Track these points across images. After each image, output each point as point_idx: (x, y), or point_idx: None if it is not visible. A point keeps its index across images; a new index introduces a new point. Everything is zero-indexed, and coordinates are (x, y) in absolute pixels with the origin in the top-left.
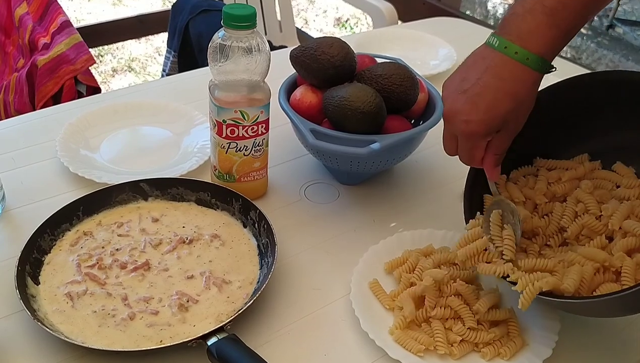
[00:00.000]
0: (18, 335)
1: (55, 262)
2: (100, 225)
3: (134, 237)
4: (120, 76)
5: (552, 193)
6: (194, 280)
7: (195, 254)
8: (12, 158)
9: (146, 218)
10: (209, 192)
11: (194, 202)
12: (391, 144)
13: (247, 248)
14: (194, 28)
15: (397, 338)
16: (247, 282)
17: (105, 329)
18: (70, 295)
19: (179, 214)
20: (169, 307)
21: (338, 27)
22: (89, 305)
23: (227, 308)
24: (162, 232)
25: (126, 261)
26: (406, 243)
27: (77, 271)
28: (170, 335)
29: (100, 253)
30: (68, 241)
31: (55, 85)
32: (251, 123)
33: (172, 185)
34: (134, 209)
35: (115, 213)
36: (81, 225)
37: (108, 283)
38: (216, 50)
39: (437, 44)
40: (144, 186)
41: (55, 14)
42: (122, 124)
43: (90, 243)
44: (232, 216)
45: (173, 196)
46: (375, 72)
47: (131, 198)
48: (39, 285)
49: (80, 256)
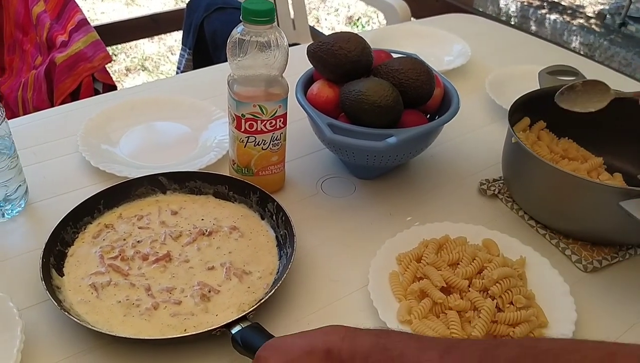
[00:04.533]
0: (44, 324)
1: (78, 254)
2: (120, 218)
3: (154, 230)
4: (134, 75)
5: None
6: (215, 271)
7: (215, 246)
8: (33, 153)
9: (165, 211)
10: (226, 185)
11: (211, 195)
12: (408, 138)
13: (266, 239)
14: (209, 25)
15: (415, 328)
16: (267, 272)
17: (130, 318)
18: (94, 286)
19: (197, 207)
20: (191, 297)
21: (349, 26)
22: (114, 295)
23: (249, 298)
24: (181, 225)
25: (148, 253)
26: (422, 236)
27: (100, 262)
28: (194, 325)
29: (122, 245)
30: (90, 233)
31: (74, 83)
32: (269, 117)
33: (190, 178)
34: (153, 202)
35: (135, 206)
36: (102, 218)
37: (131, 274)
38: (235, 45)
39: (451, 40)
40: (162, 180)
41: (73, 12)
42: (140, 119)
43: (112, 235)
44: (249, 208)
45: (191, 189)
46: (392, 66)
47: (150, 191)
48: (63, 277)
49: (103, 248)
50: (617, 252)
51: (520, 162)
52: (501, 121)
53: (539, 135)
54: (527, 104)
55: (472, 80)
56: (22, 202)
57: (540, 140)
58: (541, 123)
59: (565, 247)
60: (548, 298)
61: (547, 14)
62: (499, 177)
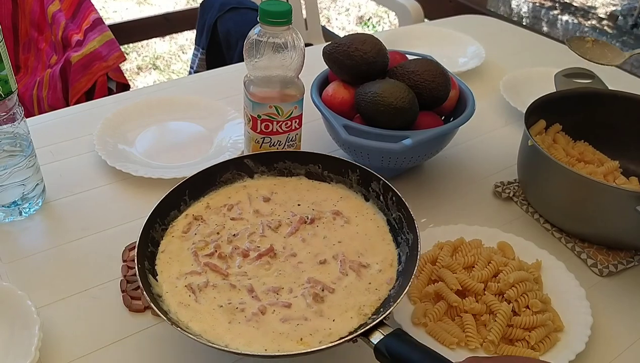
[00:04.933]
0: (62, 322)
1: (169, 250)
2: (209, 208)
3: (249, 220)
4: (145, 74)
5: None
6: (328, 266)
7: (320, 235)
8: (50, 151)
9: (256, 198)
10: (320, 164)
11: (303, 176)
12: (423, 139)
13: (375, 224)
14: (222, 25)
15: (430, 331)
16: (387, 264)
17: (236, 326)
18: (191, 287)
19: (289, 191)
20: (302, 298)
21: (360, 26)
22: (213, 299)
23: (370, 298)
24: (277, 212)
25: (248, 248)
26: (437, 238)
27: (194, 261)
28: (310, 332)
29: (217, 239)
30: (179, 228)
31: (89, 82)
32: (285, 118)
33: (279, 159)
34: (241, 189)
35: (222, 194)
36: (190, 209)
37: (231, 274)
38: (252, 46)
39: (465, 42)
40: (248, 163)
41: (88, 11)
42: (156, 119)
43: (203, 229)
44: (349, 189)
45: (280, 171)
46: (408, 68)
47: (236, 177)
48: (156, 277)
49: (196, 244)
50: (633, 256)
51: (536, 165)
52: (516, 123)
53: (555, 138)
54: (543, 106)
55: (487, 82)
56: (39, 201)
57: (556, 143)
58: (557, 126)
59: (581, 251)
60: (564, 302)
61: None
62: (513, 179)
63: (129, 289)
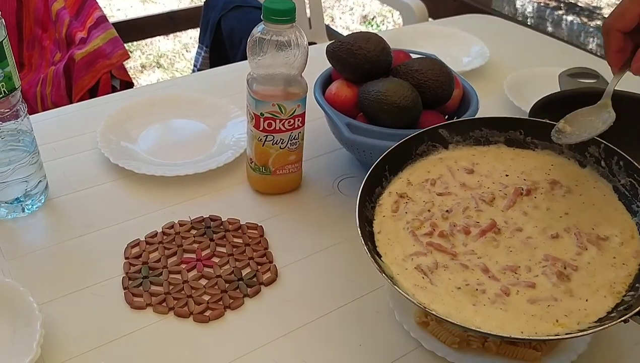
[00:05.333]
0: (64, 318)
1: (385, 231)
2: (410, 184)
3: (457, 194)
4: (149, 72)
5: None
6: (561, 240)
7: (542, 207)
8: (53, 148)
9: (457, 171)
10: (521, 129)
11: (503, 144)
12: None
13: (601, 192)
14: (226, 24)
15: (432, 330)
16: (627, 235)
17: (482, 308)
18: (421, 269)
19: (491, 160)
20: (544, 277)
21: (364, 25)
22: (448, 279)
23: (619, 274)
24: (486, 184)
25: (467, 224)
26: None
27: (415, 241)
28: (565, 313)
29: (430, 217)
30: (387, 206)
31: (92, 79)
32: (288, 116)
33: (475, 127)
34: (437, 161)
35: (419, 168)
36: (391, 186)
37: (458, 253)
38: (255, 44)
39: (469, 41)
40: (442, 133)
41: (92, 9)
42: (159, 117)
43: (412, 207)
44: (559, 155)
45: (476, 140)
46: (411, 67)
47: (431, 148)
48: (381, 258)
49: (410, 223)
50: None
51: None
52: None
53: None
54: (547, 106)
55: (491, 82)
56: (42, 198)
57: None
58: None
59: None
60: None
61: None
62: None
63: (130, 286)
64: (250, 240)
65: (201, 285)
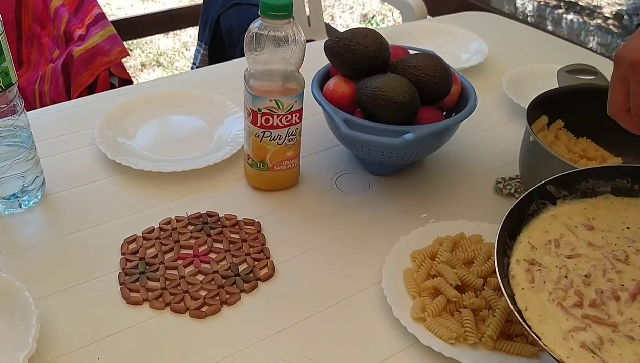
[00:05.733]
0: (59, 313)
1: (532, 307)
2: (535, 248)
3: (588, 256)
4: (149, 70)
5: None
6: None
7: None
8: (50, 145)
9: (576, 228)
10: (628, 177)
11: (610, 194)
12: (424, 134)
13: None
14: (225, 21)
15: (429, 326)
16: None
17: None
18: (587, 347)
19: (605, 213)
20: None
21: (364, 23)
22: (620, 355)
23: None
24: (611, 241)
25: (613, 289)
26: (437, 233)
27: (566, 314)
28: None
29: (571, 285)
30: (521, 277)
31: (91, 76)
32: (285, 112)
33: (581, 178)
34: (551, 219)
35: (535, 229)
36: (516, 253)
37: (618, 323)
38: (252, 40)
39: (468, 38)
40: (550, 188)
41: (90, 6)
42: (156, 113)
43: (547, 274)
44: None
45: (583, 192)
46: (409, 63)
47: (541, 207)
48: (540, 340)
49: (553, 294)
50: None
51: (537, 161)
52: (518, 120)
53: (557, 134)
54: (545, 102)
55: (489, 78)
56: (39, 194)
57: (558, 140)
58: (559, 122)
59: None
60: None
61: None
62: (515, 176)
63: (127, 282)
64: (248, 236)
65: (198, 280)
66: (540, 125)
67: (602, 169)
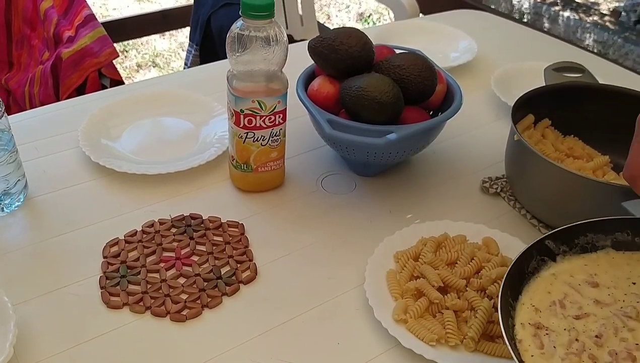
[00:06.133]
0: (38, 319)
1: None
2: (539, 311)
3: (596, 315)
4: (145, 71)
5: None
6: None
7: None
8: (35, 147)
9: (580, 285)
10: (628, 230)
11: (610, 248)
12: (408, 134)
13: None
14: (216, 21)
15: (411, 328)
16: None
17: None
18: None
19: (608, 269)
20: None
21: (361, 22)
22: None
23: None
24: (619, 297)
25: (628, 349)
26: (422, 234)
27: None
28: None
29: (583, 348)
30: (529, 342)
31: (79, 78)
32: (268, 113)
33: (580, 233)
34: (551, 278)
35: (536, 289)
36: (520, 316)
37: None
38: (234, 40)
39: (458, 36)
40: (549, 244)
41: (80, 7)
42: (142, 114)
43: (557, 338)
44: None
45: (583, 247)
46: (393, 62)
47: (540, 264)
48: None
49: (566, 360)
50: None
51: (522, 160)
52: (506, 119)
53: (544, 133)
54: (531, 100)
55: (478, 77)
56: (21, 197)
57: (544, 138)
58: (546, 121)
59: None
60: None
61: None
62: (502, 175)
63: (107, 286)
64: (231, 238)
65: (179, 284)
66: (527, 124)
67: (602, 221)
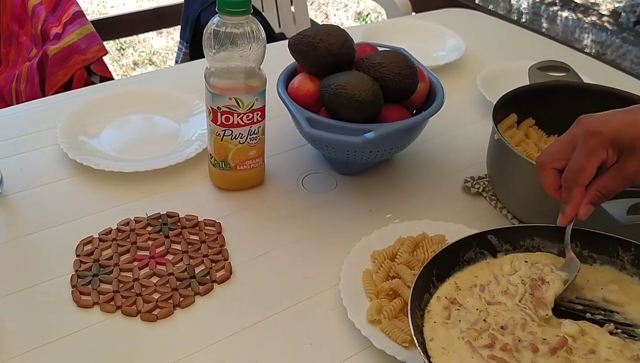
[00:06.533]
0: (11, 316)
1: (438, 340)
2: (459, 289)
3: (506, 305)
4: (141, 69)
5: None
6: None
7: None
8: (13, 144)
9: (503, 277)
10: (577, 241)
11: (556, 256)
12: (387, 133)
13: None
14: (205, 19)
15: (384, 328)
16: None
17: None
18: None
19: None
20: None
21: (359, 21)
22: None
23: None
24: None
25: (534, 341)
26: (400, 233)
27: (473, 352)
28: None
29: (487, 328)
30: (437, 313)
31: (66, 75)
32: (246, 110)
33: (527, 235)
34: (484, 265)
35: (467, 273)
36: (440, 291)
37: None
38: (211, 37)
39: (445, 35)
40: (491, 239)
41: (68, 4)
42: (123, 112)
43: (465, 315)
44: (620, 271)
45: (527, 249)
46: (374, 60)
47: (479, 256)
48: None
49: (465, 332)
50: None
51: (502, 160)
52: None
53: (527, 132)
54: (514, 100)
55: (465, 76)
56: None
57: (528, 138)
58: (529, 120)
59: None
60: None
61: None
62: (484, 174)
63: (79, 284)
64: (207, 237)
65: (152, 283)
66: (510, 123)
67: (551, 228)
